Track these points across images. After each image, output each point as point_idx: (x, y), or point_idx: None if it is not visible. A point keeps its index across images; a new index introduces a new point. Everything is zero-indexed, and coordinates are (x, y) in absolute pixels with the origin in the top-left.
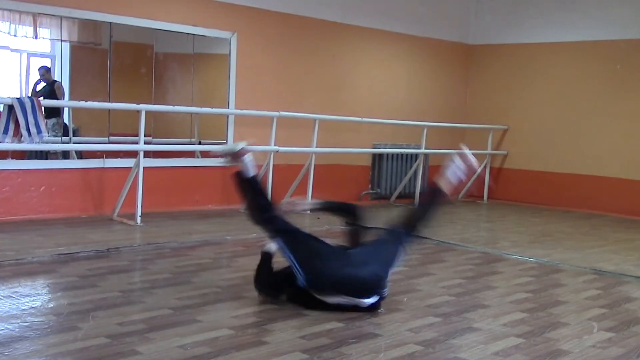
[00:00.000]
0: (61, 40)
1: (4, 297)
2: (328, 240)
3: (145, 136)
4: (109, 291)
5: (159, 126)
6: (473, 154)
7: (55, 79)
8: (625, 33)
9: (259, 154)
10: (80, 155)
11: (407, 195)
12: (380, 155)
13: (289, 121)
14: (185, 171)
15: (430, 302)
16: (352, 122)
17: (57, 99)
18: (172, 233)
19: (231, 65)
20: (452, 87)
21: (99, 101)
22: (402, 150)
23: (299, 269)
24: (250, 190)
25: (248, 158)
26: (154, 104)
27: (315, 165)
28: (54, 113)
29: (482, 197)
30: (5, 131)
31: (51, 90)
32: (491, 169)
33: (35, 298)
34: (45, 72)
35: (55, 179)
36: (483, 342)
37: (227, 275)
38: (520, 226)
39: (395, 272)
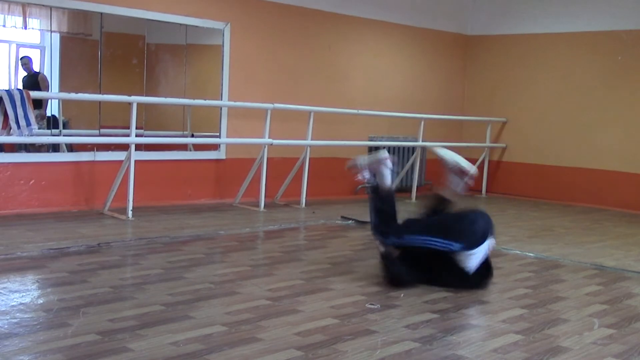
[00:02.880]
0: (51, 31)
1: None
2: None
3: (136, 129)
4: (99, 287)
5: (150, 119)
6: (471, 147)
7: (36, 70)
8: (626, 24)
9: (253, 147)
10: (71, 148)
11: (404, 189)
12: (377, 148)
13: (284, 113)
14: (177, 164)
15: (427, 298)
16: (347, 115)
17: (40, 90)
18: (164, 227)
19: (224, 57)
20: (449, 79)
21: (89, 93)
22: (399, 143)
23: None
24: (383, 202)
25: (389, 166)
26: (146, 96)
27: (310, 159)
28: (35, 104)
29: (481, 190)
30: None
31: (34, 81)
32: (490, 162)
33: (24, 294)
34: (27, 62)
35: (45, 173)
36: (482, 338)
37: (221, 270)
38: (519, 220)
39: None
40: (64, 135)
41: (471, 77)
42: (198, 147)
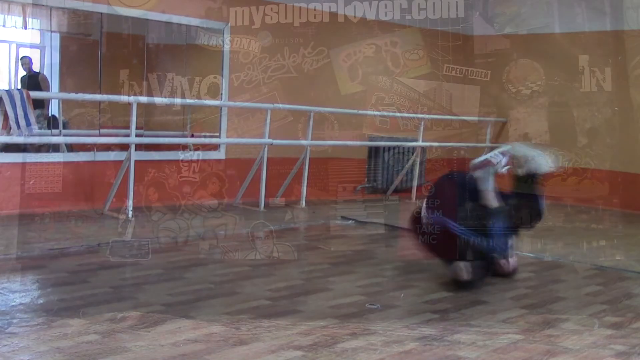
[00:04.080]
0: (51, 31)
1: None
2: None
3: (136, 129)
4: (99, 287)
5: (150, 119)
6: (470, 147)
7: (36, 70)
8: (627, 24)
9: (253, 147)
10: (71, 148)
11: (403, 190)
12: (377, 148)
13: (284, 113)
14: (177, 164)
15: (427, 298)
16: (347, 115)
17: (41, 90)
18: (164, 228)
19: (224, 57)
20: (450, 79)
21: (89, 93)
22: (399, 143)
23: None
24: None
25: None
26: (146, 96)
27: (310, 159)
28: (38, 104)
29: None
30: None
31: (35, 81)
32: None
33: (24, 294)
34: (27, 62)
35: (45, 173)
36: (482, 339)
37: (221, 270)
38: None
39: (391, 268)
40: (64, 135)
41: (471, 77)
42: (198, 147)
